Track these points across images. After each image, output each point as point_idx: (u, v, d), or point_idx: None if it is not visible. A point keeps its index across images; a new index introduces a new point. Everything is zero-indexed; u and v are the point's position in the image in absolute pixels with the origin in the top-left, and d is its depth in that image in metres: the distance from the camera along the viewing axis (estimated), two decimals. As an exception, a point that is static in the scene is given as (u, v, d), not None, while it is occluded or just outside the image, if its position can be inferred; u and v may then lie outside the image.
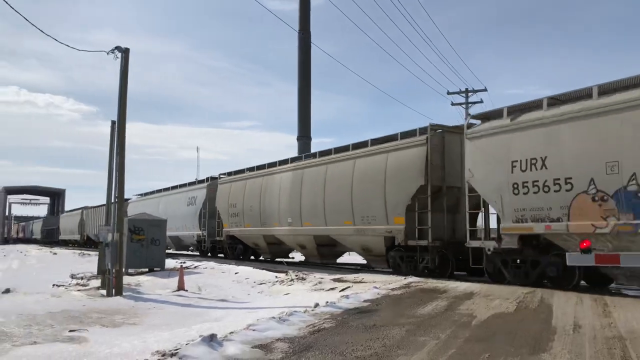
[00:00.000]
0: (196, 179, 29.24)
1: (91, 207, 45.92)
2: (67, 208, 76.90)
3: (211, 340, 6.01)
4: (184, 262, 20.93)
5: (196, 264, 20.75)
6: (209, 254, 26.98)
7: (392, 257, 15.00)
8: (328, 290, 11.89)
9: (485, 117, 12.56)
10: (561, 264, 10.52)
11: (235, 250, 24.31)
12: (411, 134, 14.78)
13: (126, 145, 13.38)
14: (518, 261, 11.66)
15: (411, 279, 12.74)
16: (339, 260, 20.59)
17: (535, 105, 11.28)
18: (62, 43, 18.21)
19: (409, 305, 8.69)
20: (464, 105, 36.19)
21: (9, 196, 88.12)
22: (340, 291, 11.33)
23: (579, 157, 10.07)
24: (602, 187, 9.69)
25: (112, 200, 14.15)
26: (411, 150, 14.27)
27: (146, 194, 36.44)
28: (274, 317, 7.52)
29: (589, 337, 6.08)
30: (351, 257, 21.58)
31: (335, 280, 13.57)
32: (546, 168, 10.61)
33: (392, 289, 10.83)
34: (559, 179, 10.38)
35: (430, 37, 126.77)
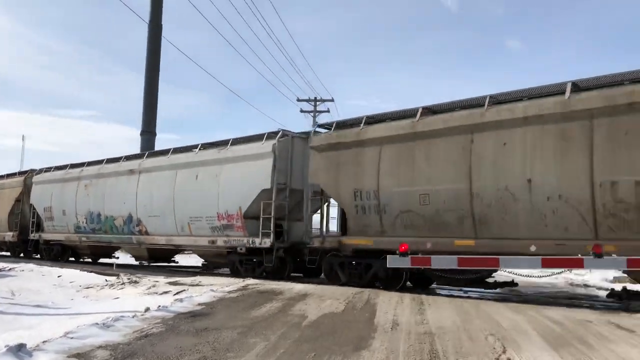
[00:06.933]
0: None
1: None
2: None
3: (19, 350, 5.37)
4: (-4, 264, 18.54)
5: (12, 265, 18.51)
6: (22, 255, 24.43)
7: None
8: (162, 293, 11.42)
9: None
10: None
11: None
12: None
13: None
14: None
15: (249, 281, 12.78)
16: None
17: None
18: None
19: (244, 308, 8.70)
20: (312, 114, 37.58)
21: None
22: (174, 294, 10.94)
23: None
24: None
25: None
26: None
27: None
28: (97, 323, 6.98)
29: (405, 334, 6.64)
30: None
31: (170, 283, 13.08)
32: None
33: (229, 292, 10.74)
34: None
35: (284, 44, 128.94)
